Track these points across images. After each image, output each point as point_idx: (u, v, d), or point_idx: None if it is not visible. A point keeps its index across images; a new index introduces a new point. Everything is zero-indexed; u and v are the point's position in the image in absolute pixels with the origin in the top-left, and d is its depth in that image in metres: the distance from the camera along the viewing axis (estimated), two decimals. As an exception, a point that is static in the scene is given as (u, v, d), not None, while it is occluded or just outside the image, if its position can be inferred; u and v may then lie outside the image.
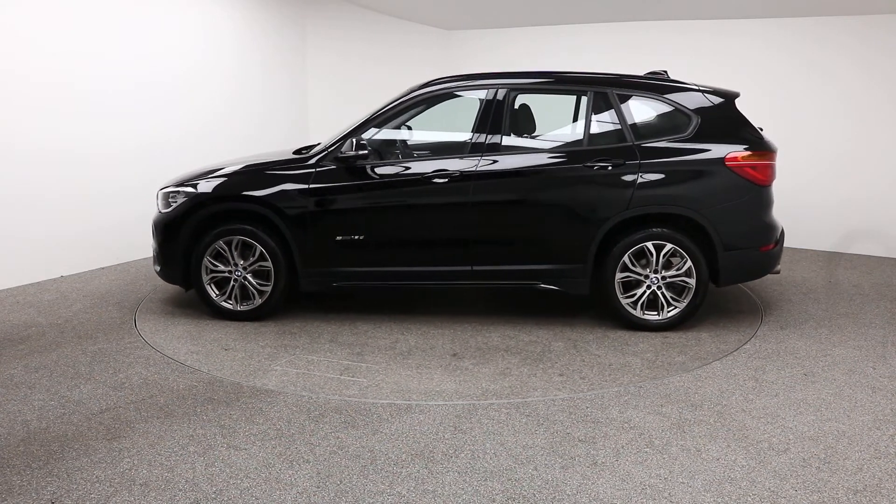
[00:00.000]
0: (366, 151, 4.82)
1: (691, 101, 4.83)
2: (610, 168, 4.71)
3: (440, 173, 4.82)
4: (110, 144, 6.41)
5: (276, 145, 7.57)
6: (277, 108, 8.22)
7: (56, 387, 3.89)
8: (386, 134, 5.17)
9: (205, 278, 5.04)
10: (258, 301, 5.03)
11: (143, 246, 6.85)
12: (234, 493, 2.87)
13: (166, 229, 5.07)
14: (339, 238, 4.89)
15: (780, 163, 5.77)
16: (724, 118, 4.81)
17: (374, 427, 3.44)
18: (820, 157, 7.53)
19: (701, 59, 7.86)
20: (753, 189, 4.72)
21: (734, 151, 4.69)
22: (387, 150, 5.28)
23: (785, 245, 7.31)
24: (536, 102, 5.23)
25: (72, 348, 4.48)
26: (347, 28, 8.78)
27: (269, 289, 5.00)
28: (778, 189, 6.35)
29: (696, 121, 4.77)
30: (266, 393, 3.83)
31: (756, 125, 5.01)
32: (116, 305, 5.38)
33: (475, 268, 4.86)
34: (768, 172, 4.77)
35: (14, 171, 5.70)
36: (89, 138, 6.23)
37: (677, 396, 3.81)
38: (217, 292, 5.07)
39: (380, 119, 4.98)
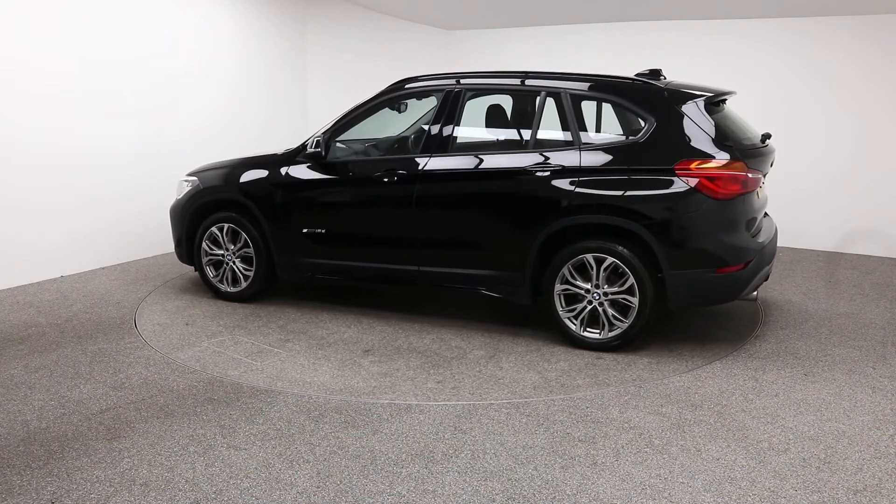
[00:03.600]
0: (320, 149, 5.02)
1: (649, 101, 4.39)
2: (548, 173, 4.43)
3: (389, 172, 4.86)
4: (110, 144, 6.41)
5: (277, 144, 7.57)
6: (279, 107, 8.21)
7: (56, 387, 3.89)
8: (358, 132, 5.32)
9: (203, 260, 5.55)
10: (244, 284, 5.42)
11: (143, 246, 6.87)
12: (234, 493, 2.87)
13: (177, 214, 5.66)
14: (305, 230, 5.15)
15: (780, 163, 5.76)
16: (687, 121, 4.28)
17: (374, 427, 3.44)
18: (820, 157, 7.52)
19: (700, 59, 7.85)
20: (708, 202, 4.14)
21: (687, 159, 4.17)
22: (360, 148, 5.47)
23: (786, 245, 7.34)
24: (494, 103, 5.19)
25: (72, 348, 4.48)
26: (348, 28, 8.78)
27: (251, 274, 5.37)
28: (778, 189, 6.37)
29: (650, 123, 4.31)
30: (266, 393, 3.84)
31: (763, 131, 4.85)
32: (116, 305, 5.39)
33: (422, 268, 4.84)
34: (732, 186, 4.16)
35: (14, 171, 5.70)
36: (90, 138, 6.23)
37: (677, 396, 3.81)
38: (215, 273, 5.55)
39: (349, 119, 5.13)
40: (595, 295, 4.40)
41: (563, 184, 4.39)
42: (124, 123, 6.50)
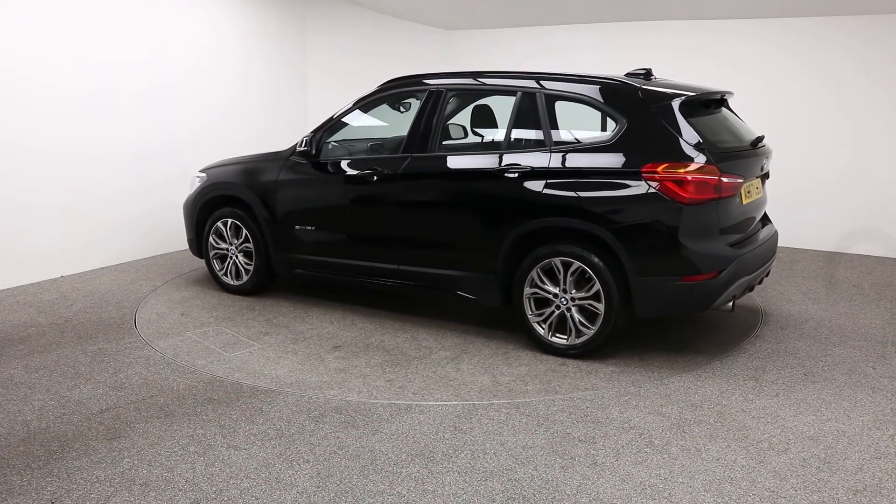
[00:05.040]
0: (307, 148, 5.18)
1: (621, 101, 4.25)
2: (517, 174, 4.36)
3: (372, 172, 4.93)
4: (111, 144, 6.40)
5: (279, 144, 7.57)
6: (279, 107, 8.21)
7: (56, 387, 3.89)
8: (349, 132, 5.42)
9: (210, 253, 5.78)
10: (245, 278, 5.61)
11: (143, 246, 6.87)
12: (234, 493, 2.87)
13: (188, 208, 5.89)
14: (297, 227, 5.30)
15: (780, 163, 5.76)
16: (660, 122, 4.13)
17: (374, 427, 3.44)
18: (820, 157, 7.52)
19: (700, 59, 7.85)
20: (674, 207, 3.97)
21: (653, 162, 4.02)
22: (359, 147, 5.58)
23: (786, 245, 7.34)
24: (479, 103, 5.18)
25: (72, 348, 4.48)
26: (348, 27, 8.78)
27: (251, 268, 5.56)
28: (778, 189, 6.36)
29: (621, 124, 4.18)
30: (266, 393, 3.84)
31: (759, 133, 4.77)
32: (116, 305, 5.39)
33: (401, 267, 4.88)
34: (702, 190, 3.99)
35: (15, 171, 5.69)
36: (90, 138, 6.22)
37: (677, 396, 3.81)
38: (220, 266, 5.77)
39: (338, 119, 5.24)
40: (563, 300, 4.30)
41: (531, 186, 4.32)
42: (125, 123, 6.50)
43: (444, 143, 4.99)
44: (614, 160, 4.15)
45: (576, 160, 4.27)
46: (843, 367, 4.24)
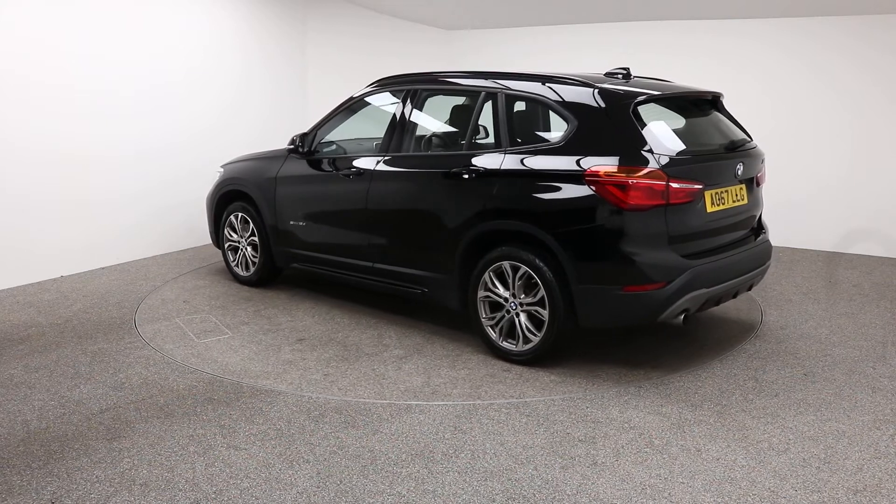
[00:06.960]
0: (296, 146, 5.42)
1: (574, 101, 4.10)
2: (468, 175, 4.32)
3: (349, 170, 5.05)
4: (111, 145, 6.40)
5: (279, 144, 7.56)
6: (280, 107, 8.21)
7: (56, 387, 3.89)
8: (339, 132, 5.54)
9: (225, 245, 6.07)
10: (252, 270, 5.87)
11: (144, 246, 6.86)
12: (234, 493, 2.87)
13: (208, 202, 6.21)
14: (291, 222, 5.48)
15: (780, 163, 5.76)
16: (611, 124, 3.98)
17: (374, 427, 3.45)
18: (820, 157, 7.52)
19: (700, 59, 7.85)
20: (615, 213, 3.80)
21: (597, 165, 3.87)
22: (342, 145, 5.68)
23: (786, 245, 7.34)
24: (458, 103, 5.23)
25: (72, 348, 4.48)
26: (348, 27, 8.78)
27: (257, 260, 5.81)
28: (778, 189, 6.36)
29: (572, 125, 4.04)
30: (266, 393, 3.84)
31: (743, 135, 4.60)
32: (116, 305, 5.39)
33: (376, 265, 4.94)
34: (647, 196, 3.78)
35: (15, 171, 5.69)
36: (90, 139, 6.22)
37: (677, 396, 3.81)
38: (233, 258, 6.03)
39: (330, 118, 5.39)
40: (512, 304, 4.20)
41: (483, 187, 4.27)
42: (125, 124, 6.50)
43: (418, 143, 5.01)
44: (562, 163, 4.01)
45: (526, 162, 4.18)
46: (843, 367, 4.24)
